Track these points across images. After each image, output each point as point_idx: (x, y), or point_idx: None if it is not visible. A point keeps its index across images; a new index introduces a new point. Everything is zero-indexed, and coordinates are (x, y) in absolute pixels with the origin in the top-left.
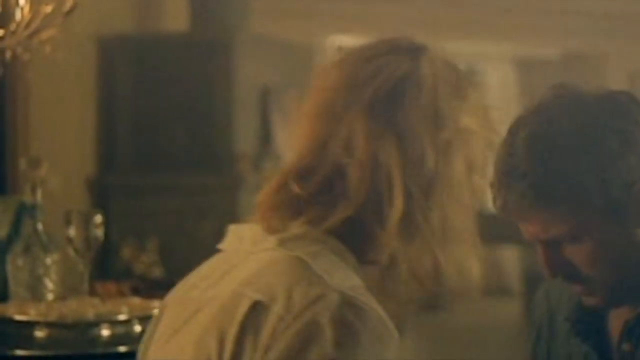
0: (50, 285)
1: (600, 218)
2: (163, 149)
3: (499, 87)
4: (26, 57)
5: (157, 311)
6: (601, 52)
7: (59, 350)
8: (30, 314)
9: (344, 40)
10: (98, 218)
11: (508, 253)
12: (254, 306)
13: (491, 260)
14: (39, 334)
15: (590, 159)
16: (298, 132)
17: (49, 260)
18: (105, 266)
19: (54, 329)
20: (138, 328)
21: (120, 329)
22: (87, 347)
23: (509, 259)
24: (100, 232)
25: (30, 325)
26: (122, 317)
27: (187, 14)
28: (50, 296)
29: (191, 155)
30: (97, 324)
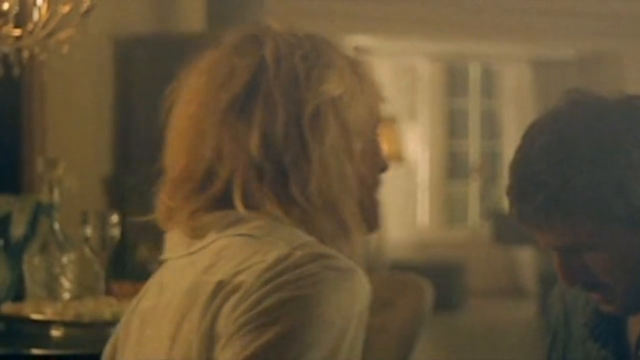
0: (66, 284)
1: (618, 227)
2: None
3: (514, 88)
4: (43, 57)
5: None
6: (617, 53)
7: (75, 349)
8: (47, 313)
9: (361, 40)
10: (114, 218)
11: (524, 254)
12: (218, 285)
13: (507, 261)
14: (56, 333)
15: (609, 169)
16: (173, 146)
17: (65, 259)
18: (121, 266)
19: (71, 328)
20: None
21: None
22: (103, 347)
23: (525, 260)
24: (116, 232)
25: (47, 324)
26: None
27: (203, 14)
28: (66, 295)
29: None
30: (113, 323)
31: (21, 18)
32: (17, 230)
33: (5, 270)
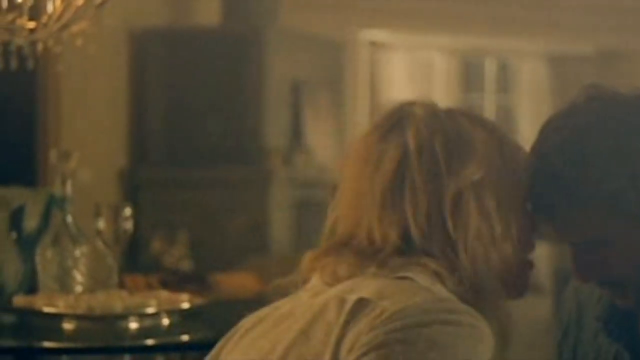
0: (79, 277)
1: (632, 221)
2: (194, 143)
3: (530, 83)
4: (57, 49)
5: (186, 304)
6: (635, 48)
7: (87, 342)
8: (59, 306)
9: (376, 34)
10: (127, 211)
11: (538, 251)
12: (359, 302)
13: None
14: (67, 326)
15: (625, 165)
16: (339, 211)
17: (78, 252)
18: (135, 259)
19: (82, 321)
20: (166, 321)
21: (148, 322)
22: (115, 340)
23: (540, 257)
24: (129, 225)
25: (59, 317)
26: (150, 310)
27: (218, 8)
28: (78, 288)
29: (222, 149)
30: (125, 316)
31: (35, 10)
32: (30, 223)
33: (18, 263)
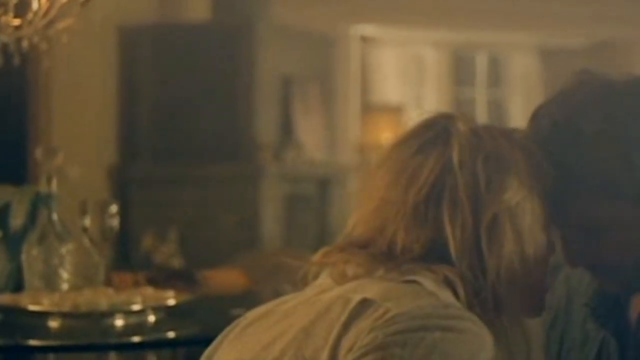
0: (65, 275)
1: (625, 204)
2: (183, 139)
3: (522, 77)
4: (43, 46)
5: (172, 301)
6: (626, 40)
7: (73, 340)
8: (44, 304)
9: (366, 29)
10: (113, 208)
11: None
12: (362, 302)
13: None
14: (53, 324)
15: (618, 147)
16: (361, 215)
17: (64, 250)
18: (125, 256)
19: (68, 319)
20: (152, 318)
21: (133, 319)
22: (100, 337)
23: None
24: (116, 222)
25: (44, 315)
26: (136, 307)
27: (208, 3)
28: (65, 286)
29: (212, 145)
30: (110, 314)
31: (21, 7)
32: (16, 220)
33: (4, 261)
